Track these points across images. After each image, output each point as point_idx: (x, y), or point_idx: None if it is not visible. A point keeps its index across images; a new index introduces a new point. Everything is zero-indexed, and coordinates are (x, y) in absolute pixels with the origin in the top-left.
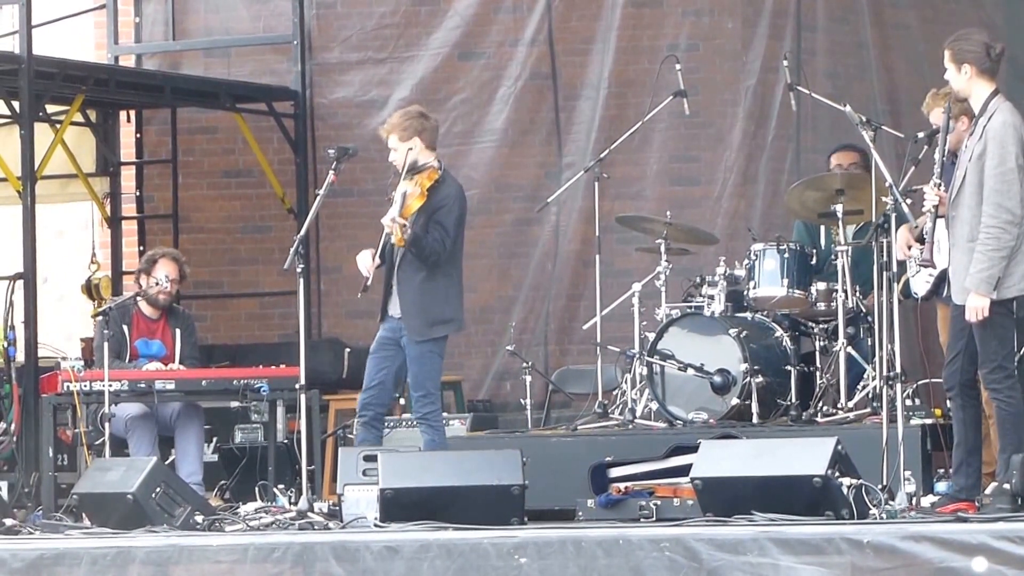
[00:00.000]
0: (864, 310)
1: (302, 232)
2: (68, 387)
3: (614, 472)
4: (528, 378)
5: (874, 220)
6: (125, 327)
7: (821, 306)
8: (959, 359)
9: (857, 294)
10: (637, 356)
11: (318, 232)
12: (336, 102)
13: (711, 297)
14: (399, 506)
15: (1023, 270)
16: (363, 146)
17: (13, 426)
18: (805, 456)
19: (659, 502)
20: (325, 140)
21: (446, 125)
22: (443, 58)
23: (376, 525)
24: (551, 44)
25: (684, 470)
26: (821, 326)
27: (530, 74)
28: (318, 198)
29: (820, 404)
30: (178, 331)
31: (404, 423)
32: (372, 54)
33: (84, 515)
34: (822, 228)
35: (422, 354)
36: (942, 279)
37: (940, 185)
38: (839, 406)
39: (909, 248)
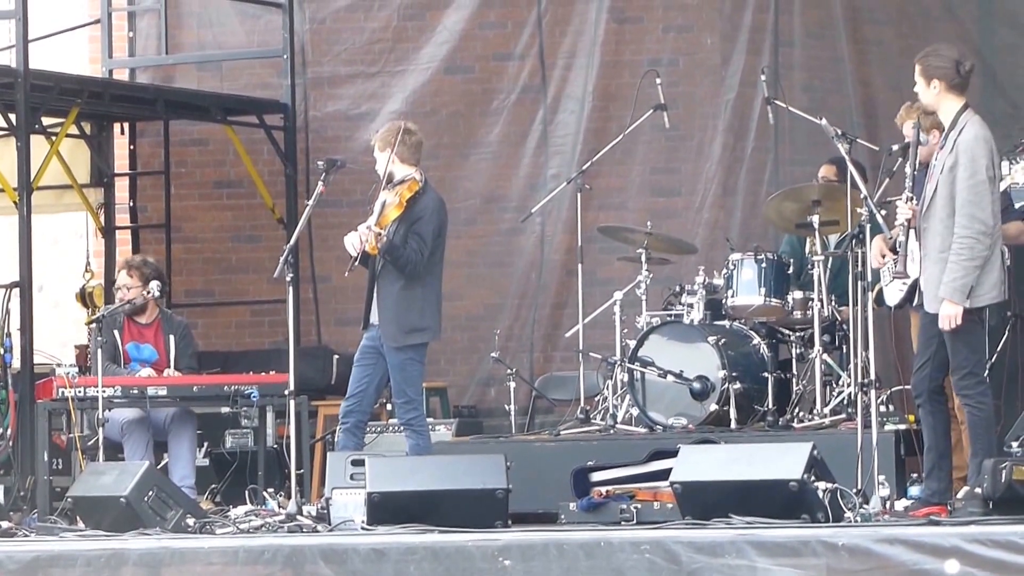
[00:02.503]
0: (840, 319)
1: (292, 241)
2: (63, 393)
3: (596, 476)
4: (512, 384)
5: (849, 231)
6: (116, 332)
7: (797, 314)
8: (927, 366)
9: (833, 303)
10: (618, 363)
11: (311, 242)
12: (329, 115)
13: (690, 305)
14: (386, 509)
15: (994, 279)
16: (355, 158)
17: (9, 431)
18: (782, 461)
19: (639, 506)
20: (319, 152)
21: (437, 137)
22: (433, 72)
23: (363, 528)
24: (542, 58)
25: (664, 474)
26: (797, 334)
27: (521, 88)
28: (307, 208)
29: (796, 410)
30: (172, 337)
31: (391, 428)
32: (364, 68)
33: (78, 518)
34: (808, 240)
35: (402, 362)
36: (915, 289)
37: (912, 199)
38: (815, 412)
39: (883, 258)
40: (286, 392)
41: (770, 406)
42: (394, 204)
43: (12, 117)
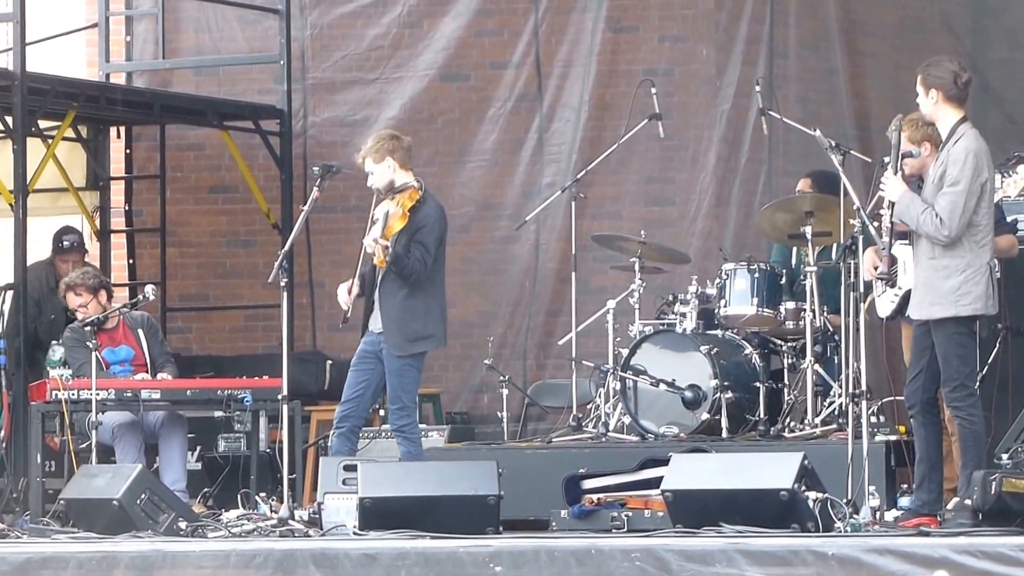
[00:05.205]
0: (831, 329)
1: (287, 246)
2: (56, 395)
3: (587, 484)
4: (505, 391)
5: (842, 242)
6: (89, 344)
7: (790, 325)
8: (920, 378)
9: (825, 313)
10: (611, 371)
11: (309, 247)
12: (328, 120)
13: (683, 315)
14: (378, 515)
15: (981, 289)
16: (351, 164)
17: (3, 432)
18: (772, 470)
19: (630, 513)
20: (318, 158)
21: (433, 145)
22: (430, 79)
23: (355, 533)
24: (538, 67)
25: (655, 482)
26: (789, 344)
27: (517, 96)
28: (302, 214)
29: (788, 420)
30: (140, 331)
31: (384, 434)
32: (363, 75)
33: (71, 520)
34: (794, 249)
35: (401, 368)
36: (907, 300)
37: (892, 204)
38: (806, 422)
39: (875, 270)
40: (279, 397)
41: (761, 416)
42: (398, 215)
43: (9, 120)
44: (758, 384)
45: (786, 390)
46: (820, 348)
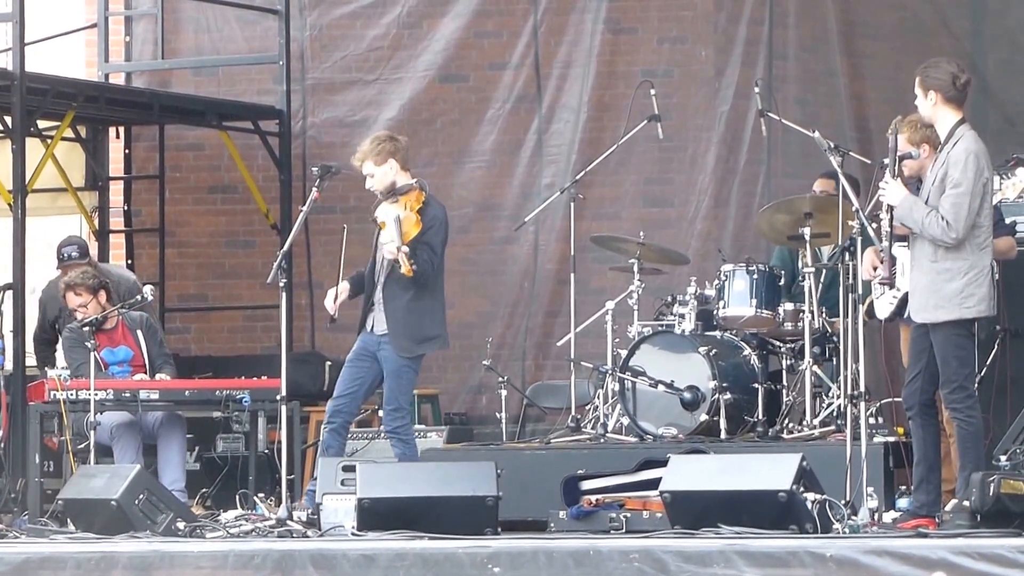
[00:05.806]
0: (830, 331)
1: (286, 247)
2: (54, 395)
3: (586, 485)
4: (504, 392)
5: (840, 243)
6: (88, 345)
7: (788, 326)
8: (918, 379)
9: (824, 315)
10: (609, 372)
11: (308, 248)
12: (327, 121)
13: (682, 316)
14: (376, 515)
15: (984, 292)
16: (350, 165)
17: (1, 432)
18: (771, 471)
19: (629, 514)
20: (317, 159)
21: (432, 145)
22: (430, 80)
23: (353, 534)
24: (537, 68)
25: (653, 484)
26: (788, 345)
27: (517, 97)
28: (301, 214)
29: (786, 421)
30: (139, 332)
31: (383, 435)
32: (362, 75)
33: (69, 520)
34: (799, 252)
35: (400, 369)
36: (905, 302)
37: (892, 208)
38: (805, 423)
39: (875, 270)
40: (278, 397)
41: (760, 417)
42: (411, 220)
43: (8, 120)
44: (757, 385)
45: (785, 391)
46: (819, 349)
